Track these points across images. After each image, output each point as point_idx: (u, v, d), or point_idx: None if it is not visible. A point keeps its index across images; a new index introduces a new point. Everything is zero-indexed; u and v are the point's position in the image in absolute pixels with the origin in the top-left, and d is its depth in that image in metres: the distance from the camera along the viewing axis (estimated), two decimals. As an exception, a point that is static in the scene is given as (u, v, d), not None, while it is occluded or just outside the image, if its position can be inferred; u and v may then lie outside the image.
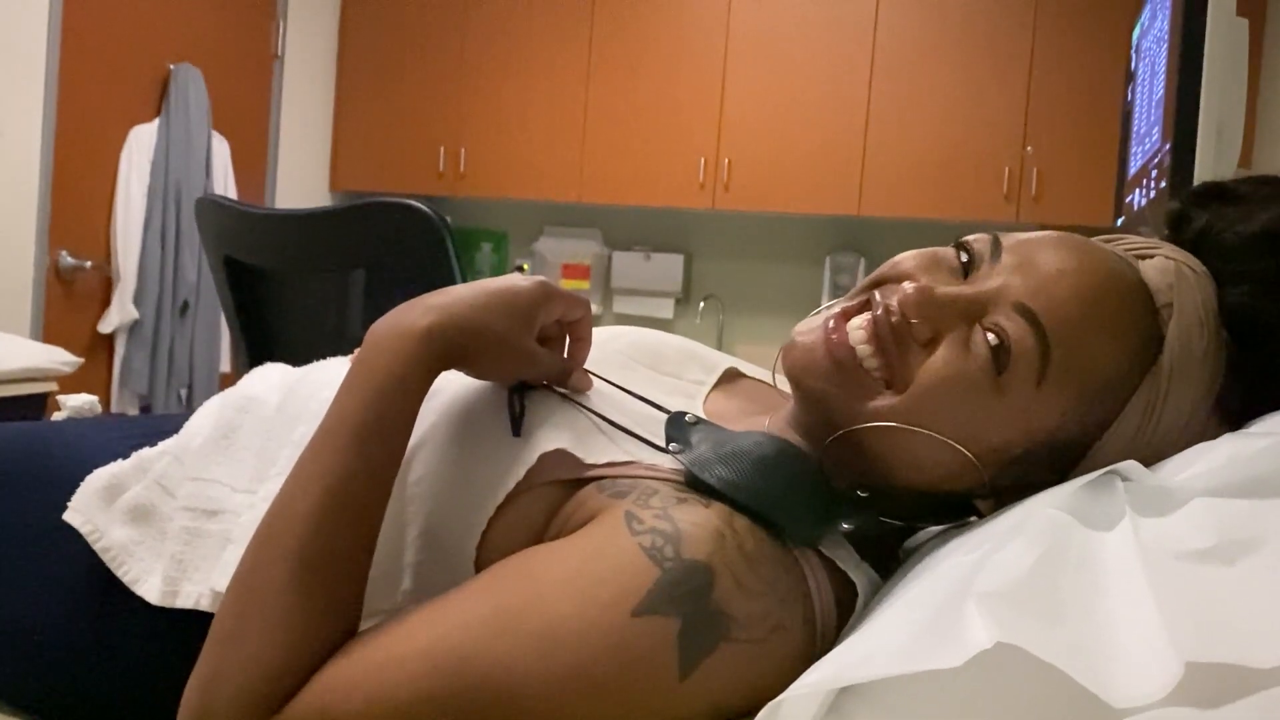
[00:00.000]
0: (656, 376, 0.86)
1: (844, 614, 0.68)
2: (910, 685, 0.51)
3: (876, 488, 0.73)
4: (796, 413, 0.77)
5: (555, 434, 0.71)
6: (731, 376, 0.89)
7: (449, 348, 0.70)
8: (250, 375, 0.88)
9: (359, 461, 0.67)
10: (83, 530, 0.78)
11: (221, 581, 0.73)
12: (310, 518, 0.65)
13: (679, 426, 0.74)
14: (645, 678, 0.61)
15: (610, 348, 0.86)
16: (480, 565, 0.69)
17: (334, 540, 0.65)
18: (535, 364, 0.74)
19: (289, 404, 0.82)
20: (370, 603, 0.69)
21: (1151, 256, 0.73)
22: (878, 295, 0.71)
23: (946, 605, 0.54)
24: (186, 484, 0.79)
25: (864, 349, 0.70)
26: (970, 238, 0.72)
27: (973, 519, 0.74)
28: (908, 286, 0.69)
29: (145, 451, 0.83)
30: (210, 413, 0.85)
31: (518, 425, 0.72)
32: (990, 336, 0.67)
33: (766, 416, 0.81)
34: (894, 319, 0.69)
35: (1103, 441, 0.69)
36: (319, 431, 0.68)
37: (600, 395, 0.77)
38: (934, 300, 0.68)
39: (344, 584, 0.65)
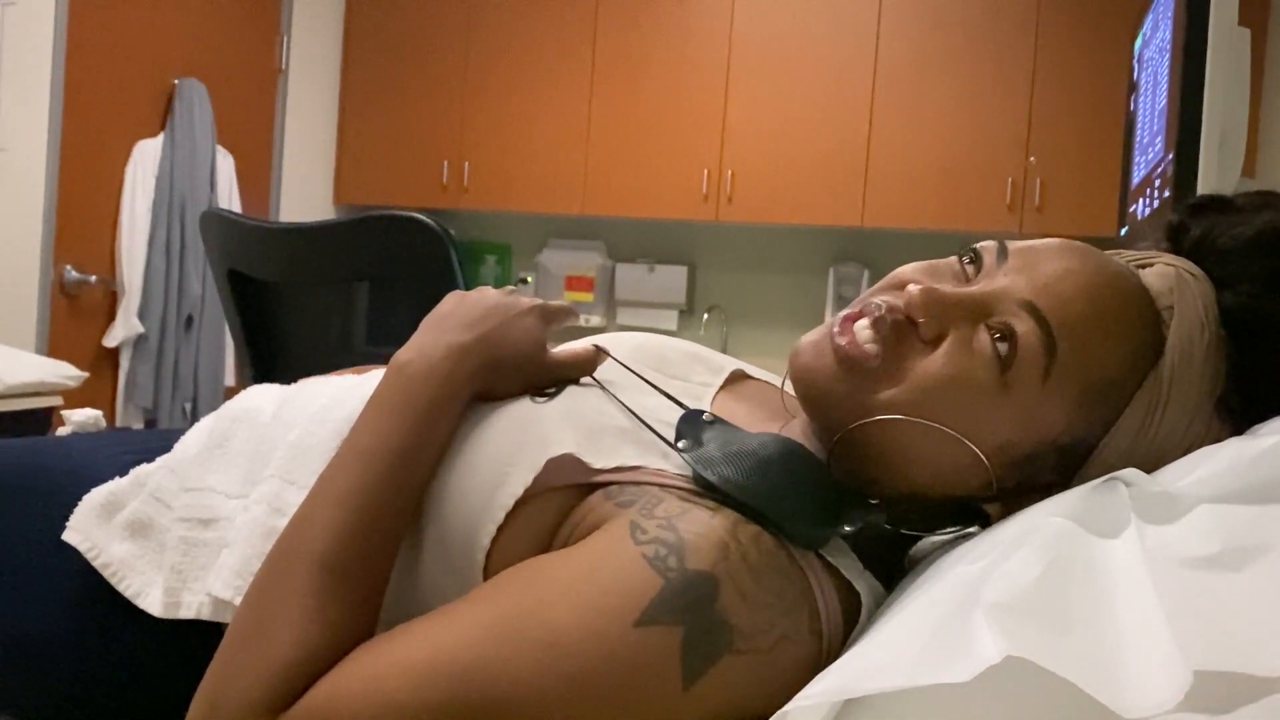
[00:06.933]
0: (663, 379, 0.85)
1: (850, 624, 0.68)
2: (917, 696, 0.51)
3: (886, 493, 0.72)
4: (807, 421, 0.77)
5: (562, 435, 0.71)
6: (738, 379, 0.89)
7: (483, 364, 0.74)
8: (245, 392, 0.89)
9: (397, 483, 0.69)
10: (81, 548, 0.79)
11: (218, 586, 0.73)
12: (341, 530, 0.67)
13: (694, 424, 0.75)
14: (648, 688, 0.61)
15: (614, 353, 0.86)
16: (489, 571, 0.69)
17: (364, 550, 0.67)
18: (552, 365, 0.79)
19: (284, 412, 0.83)
20: None
21: (1151, 265, 0.74)
22: (877, 299, 0.71)
23: (954, 616, 0.53)
24: (181, 495, 0.80)
25: (871, 347, 0.70)
26: (979, 244, 0.73)
27: (978, 527, 0.73)
28: (913, 288, 0.69)
29: (142, 467, 0.83)
30: (204, 427, 0.86)
31: (549, 398, 0.76)
32: (995, 333, 0.67)
33: (778, 423, 0.80)
34: (897, 316, 0.69)
35: (1106, 441, 0.69)
36: (352, 449, 0.71)
37: (617, 387, 0.79)
38: (940, 299, 0.68)
39: (368, 590, 0.67)
